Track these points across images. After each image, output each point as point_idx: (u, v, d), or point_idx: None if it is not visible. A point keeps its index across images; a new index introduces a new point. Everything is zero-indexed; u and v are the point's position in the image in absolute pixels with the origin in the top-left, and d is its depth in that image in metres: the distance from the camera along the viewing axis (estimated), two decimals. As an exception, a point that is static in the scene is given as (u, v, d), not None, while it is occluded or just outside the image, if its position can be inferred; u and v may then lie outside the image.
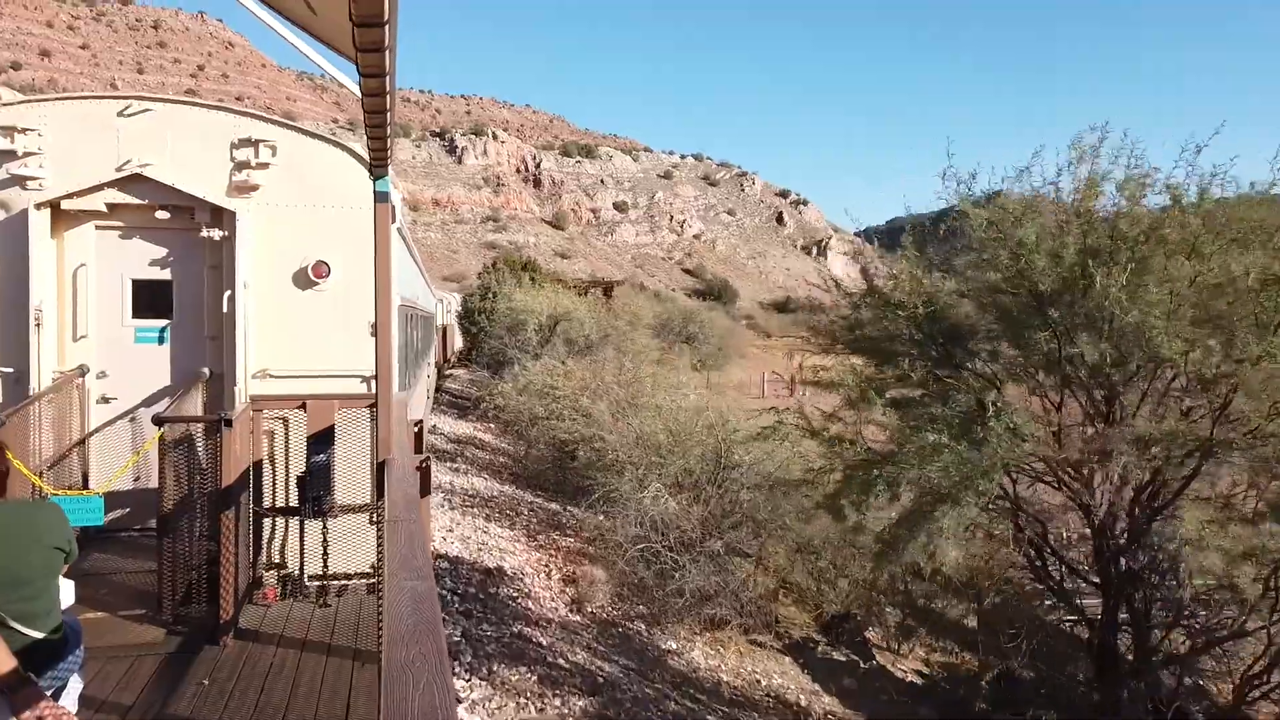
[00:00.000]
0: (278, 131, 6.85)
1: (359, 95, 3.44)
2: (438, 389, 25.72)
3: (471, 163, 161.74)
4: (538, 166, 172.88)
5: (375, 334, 5.24)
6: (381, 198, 4.83)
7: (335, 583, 6.24)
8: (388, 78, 3.14)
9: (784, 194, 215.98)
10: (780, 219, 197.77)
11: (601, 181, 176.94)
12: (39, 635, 2.91)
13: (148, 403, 6.77)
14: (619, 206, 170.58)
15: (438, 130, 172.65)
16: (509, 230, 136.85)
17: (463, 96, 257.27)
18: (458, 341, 37.23)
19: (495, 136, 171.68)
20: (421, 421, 7.10)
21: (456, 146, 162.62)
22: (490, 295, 34.95)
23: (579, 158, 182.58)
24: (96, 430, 6.72)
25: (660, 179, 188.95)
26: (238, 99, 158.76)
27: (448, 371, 32.90)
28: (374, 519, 6.11)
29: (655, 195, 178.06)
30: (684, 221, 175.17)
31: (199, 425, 5.58)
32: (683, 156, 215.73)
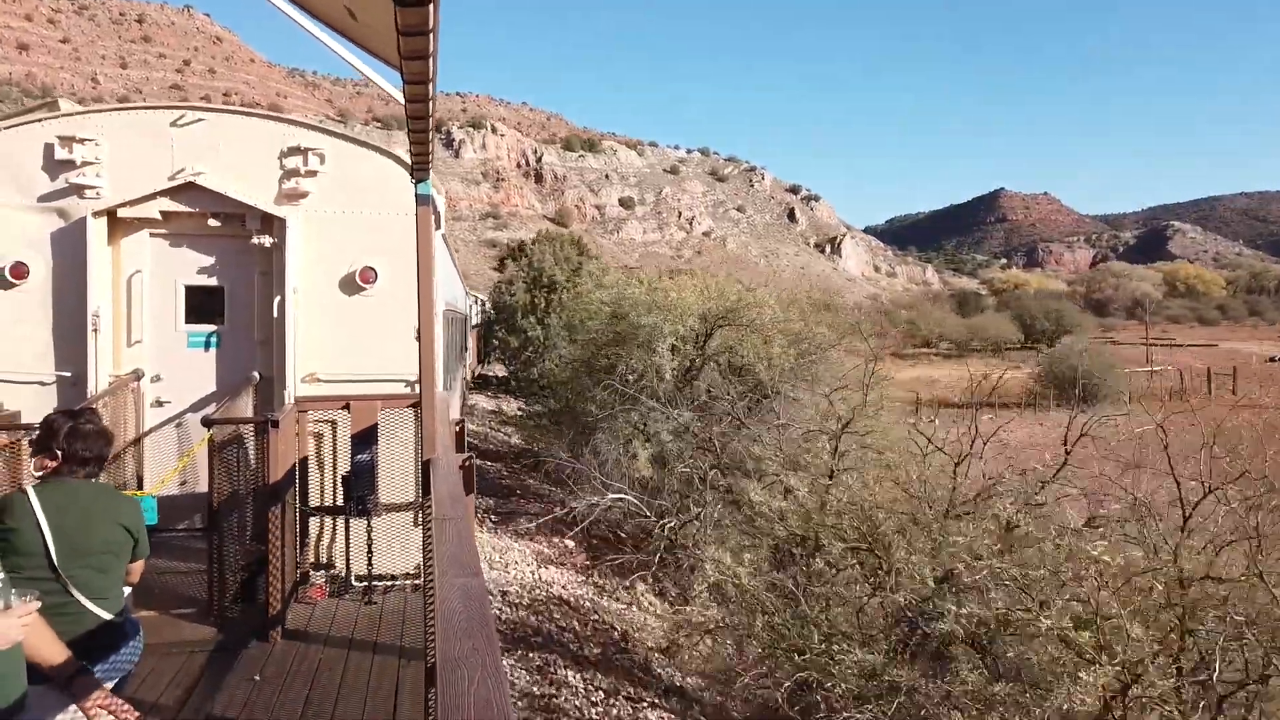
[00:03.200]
0: (326, 139, 7.07)
1: (401, 101, 3.57)
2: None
3: (470, 157, 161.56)
4: (539, 161, 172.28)
5: (419, 337, 5.32)
6: (423, 200, 4.94)
7: (380, 582, 6.34)
8: (430, 84, 3.29)
9: (795, 190, 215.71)
10: (792, 215, 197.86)
11: (606, 177, 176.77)
12: (99, 612, 3.12)
13: (200, 406, 6.97)
14: (624, 203, 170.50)
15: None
16: (510, 227, 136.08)
17: (458, 94, 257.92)
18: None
19: (494, 130, 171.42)
20: (462, 421, 7.53)
21: (454, 140, 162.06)
22: (541, 286, 23.22)
23: (582, 152, 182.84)
24: (150, 432, 6.93)
25: (666, 174, 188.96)
26: (225, 95, 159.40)
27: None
28: (419, 518, 6.22)
29: (662, 191, 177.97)
30: (693, 218, 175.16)
31: (247, 426, 5.74)
32: (689, 151, 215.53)
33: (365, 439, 6.27)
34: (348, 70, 4.34)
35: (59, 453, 3.19)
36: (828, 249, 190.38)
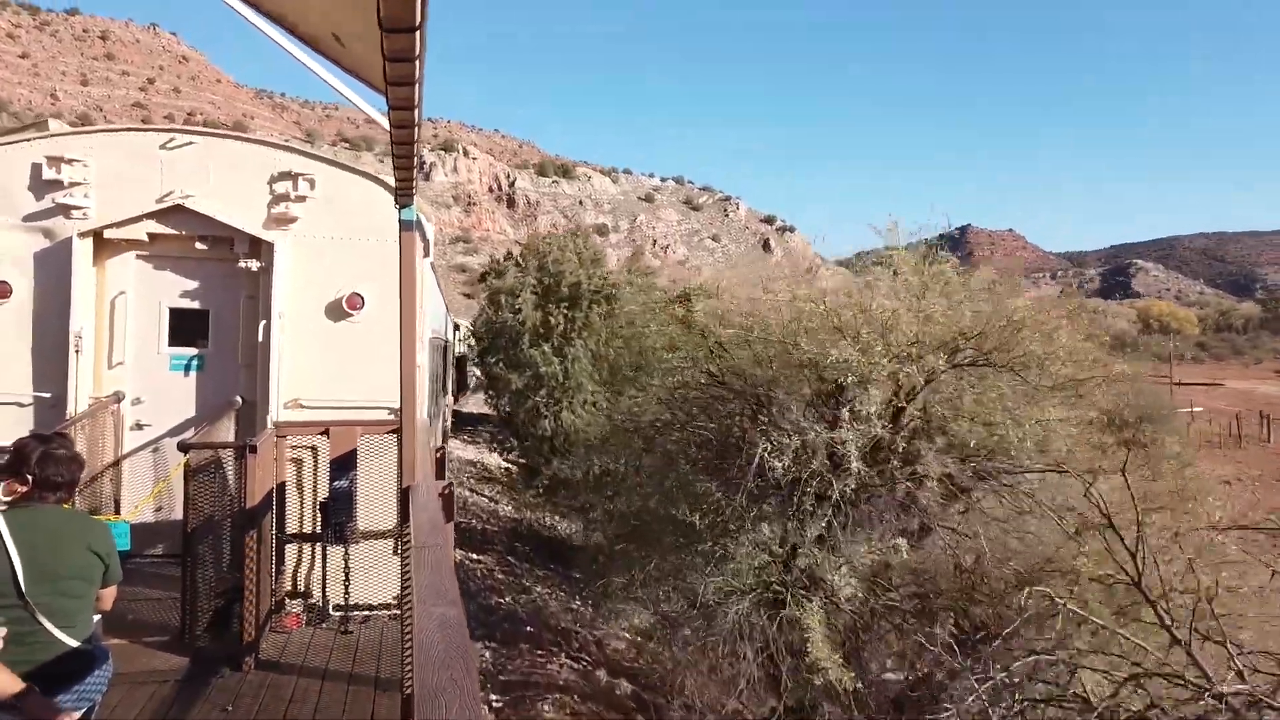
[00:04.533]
0: (316, 165, 7.12)
1: (387, 126, 3.62)
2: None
3: (440, 180, 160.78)
4: (512, 186, 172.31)
5: (402, 363, 5.31)
6: (407, 226, 4.97)
7: (357, 611, 6.28)
8: (416, 110, 3.33)
9: (770, 220, 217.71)
10: (767, 246, 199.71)
11: (580, 203, 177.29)
12: (66, 639, 3.07)
13: (181, 430, 6.93)
14: (599, 230, 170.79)
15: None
16: (481, 252, 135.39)
17: (430, 119, 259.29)
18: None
19: (466, 153, 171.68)
20: (443, 448, 7.60)
21: (425, 162, 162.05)
22: (559, 300, 15.27)
23: (555, 178, 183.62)
24: (128, 455, 6.89)
25: (641, 202, 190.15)
26: (189, 114, 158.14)
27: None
28: (397, 545, 6.54)
29: (637, 219, 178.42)
30: (667, 246, 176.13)
31: (225, 451, 5.72)
32: (663, 179, 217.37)
33: (344, 465, 6.24)
34: (331, 95, 4.42)
35: (29, 478, 3.17)
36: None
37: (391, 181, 6.93)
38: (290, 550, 6.54)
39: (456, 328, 24.96)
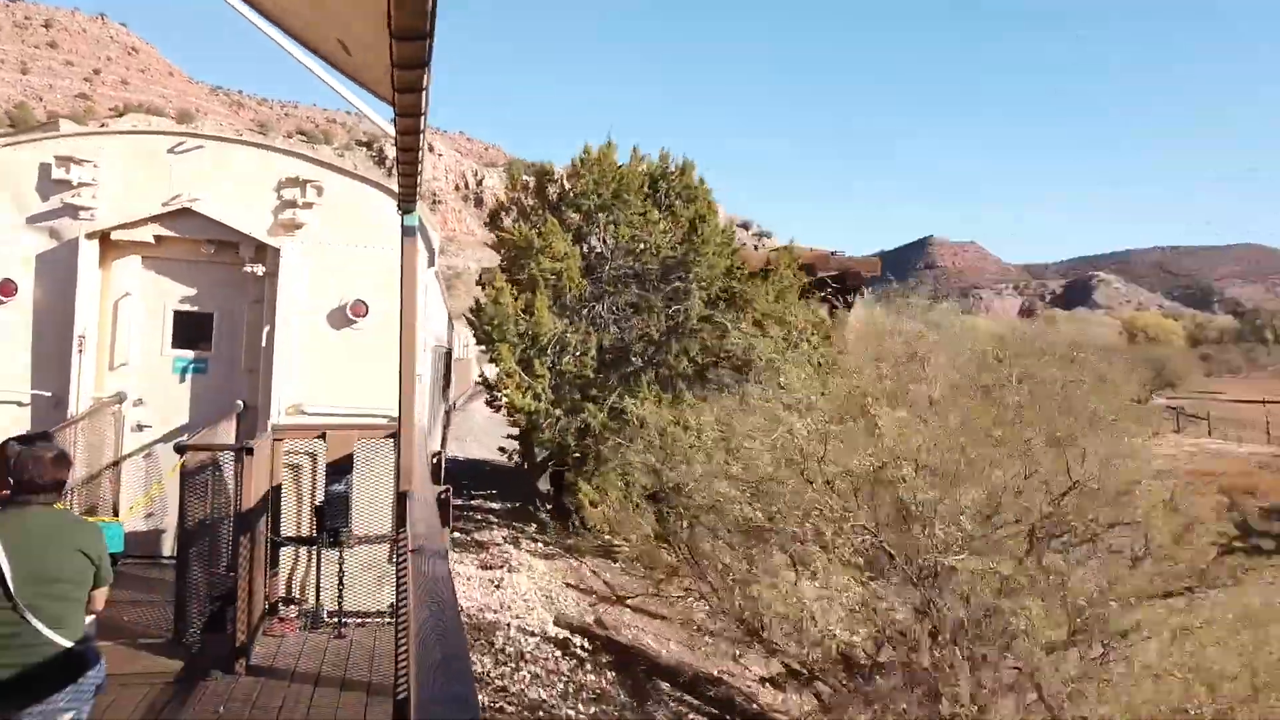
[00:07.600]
0: (324, 172, 7.21)
1: (391, 134, 3.67)
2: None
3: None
4: (480, 184, 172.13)
5: (401, 366, 5.35)
6: (409, 232, 5.10)
7: (351, 616, 6.28)
8: (422, 117, 3.35)
9: (746, 226, 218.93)
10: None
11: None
12: (58, 640, 3.06)
13: (181, 432, 6.95)
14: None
15: (364, 140, 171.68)
16: (446, 253, 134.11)
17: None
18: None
19: (432, 148, 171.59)
20: (440, 452, 7.83)
21: (386, 158, 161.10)
22: None
23: (527, 176, 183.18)
24: (127, 457, 6.92)
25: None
26: (138, 106, 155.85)
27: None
28: (394, 551, 6.75)
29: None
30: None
31: (222, 454, 5.71)
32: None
33: (341, 469, 6.27)
34: (338, 100, 4.54)
35: (10, 480, 3.16)
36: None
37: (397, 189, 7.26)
38: (285, 554, 6.54)
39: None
